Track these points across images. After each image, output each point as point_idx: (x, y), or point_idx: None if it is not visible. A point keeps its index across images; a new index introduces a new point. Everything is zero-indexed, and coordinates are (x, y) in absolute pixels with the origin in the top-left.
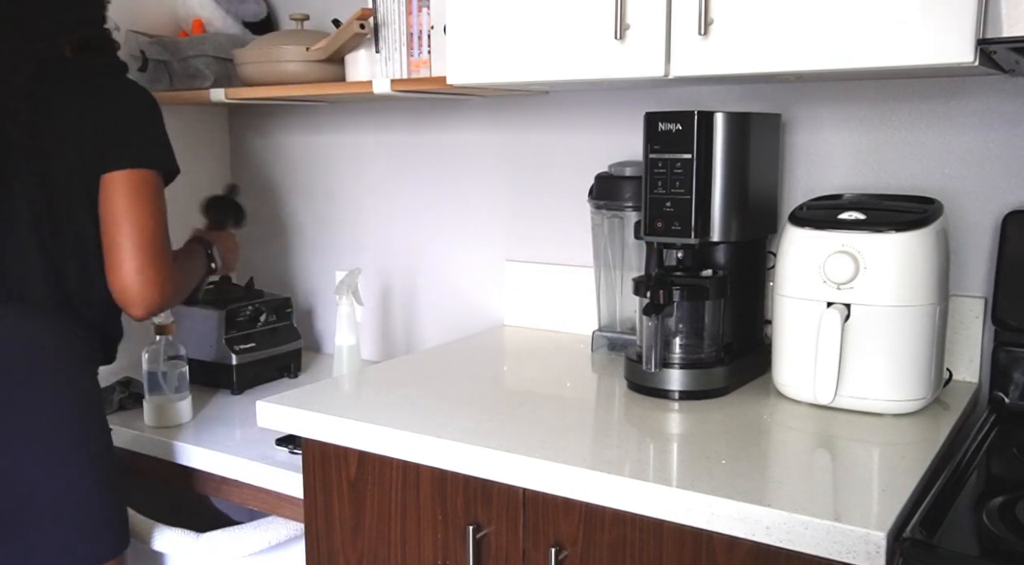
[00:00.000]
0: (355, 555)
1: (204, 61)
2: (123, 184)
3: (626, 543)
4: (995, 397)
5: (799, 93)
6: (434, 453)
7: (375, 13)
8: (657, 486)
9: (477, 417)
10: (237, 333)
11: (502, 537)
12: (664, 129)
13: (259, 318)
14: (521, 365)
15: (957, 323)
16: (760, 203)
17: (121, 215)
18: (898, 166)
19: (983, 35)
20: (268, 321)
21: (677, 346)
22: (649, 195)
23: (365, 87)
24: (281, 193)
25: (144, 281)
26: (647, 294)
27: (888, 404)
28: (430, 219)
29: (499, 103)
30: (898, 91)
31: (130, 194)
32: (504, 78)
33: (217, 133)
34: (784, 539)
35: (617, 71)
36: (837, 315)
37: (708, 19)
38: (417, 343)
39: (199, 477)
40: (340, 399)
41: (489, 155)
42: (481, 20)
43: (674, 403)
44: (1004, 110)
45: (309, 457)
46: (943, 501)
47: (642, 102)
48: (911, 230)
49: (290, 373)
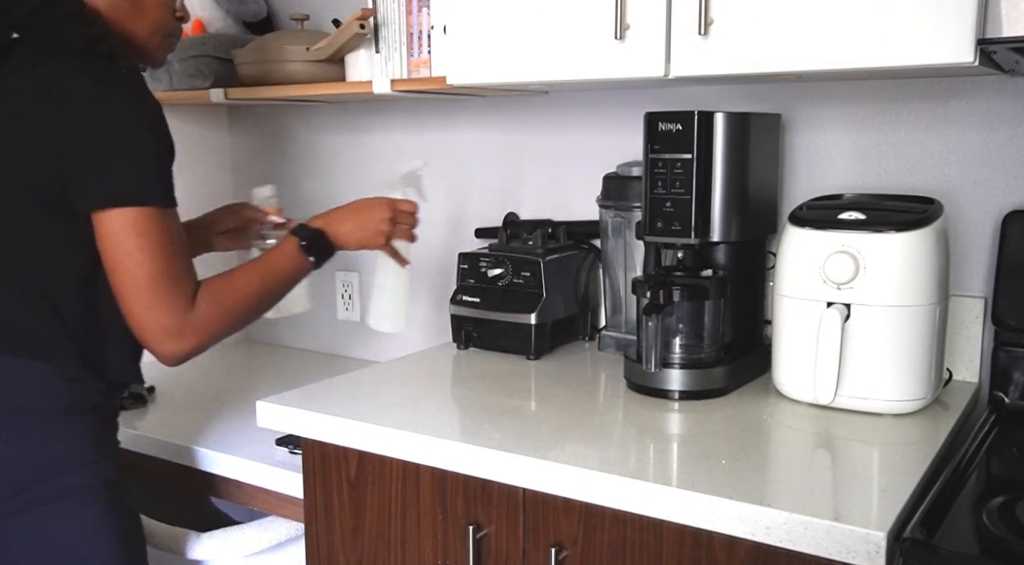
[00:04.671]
0: (355, 555)
1: (204, 61)
2: (114, 229)
3: (626, 543)
4: (995, 397)
5: (799, 93)
6: (434, 453)
7: (375, 13)
8: (657, 486)
9: (477, 417)
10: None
11: (502, 537)
12: (664, 129)
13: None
14: (521, 365)
15: (957, 323)
16: (760, 203)
17: (116, 265)
18: (898, 166)
19: (983, 35)
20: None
21: (677, 346)
22: (649, 195)
23: (365, 87)
24: (280, 193)
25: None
26: (647, 294)
27: (888, 404)
28: (430, 219)
29: (499, 103)
30: (898, 91)
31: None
32: (504, 78)
33: (217, 133)
34: (784, 539)
35: (617, 71)
36: (837, 315)
37: (708, 19)
38: (417, 343)
39: (199, 477)
40: (340, 399)
41: (489, 155)
42: (481, 20)
43: (674, 403)
44: (1004, 110)
45: (309, 457)
46: (943, 501)
47: (642, 102)
48: (911, 230)
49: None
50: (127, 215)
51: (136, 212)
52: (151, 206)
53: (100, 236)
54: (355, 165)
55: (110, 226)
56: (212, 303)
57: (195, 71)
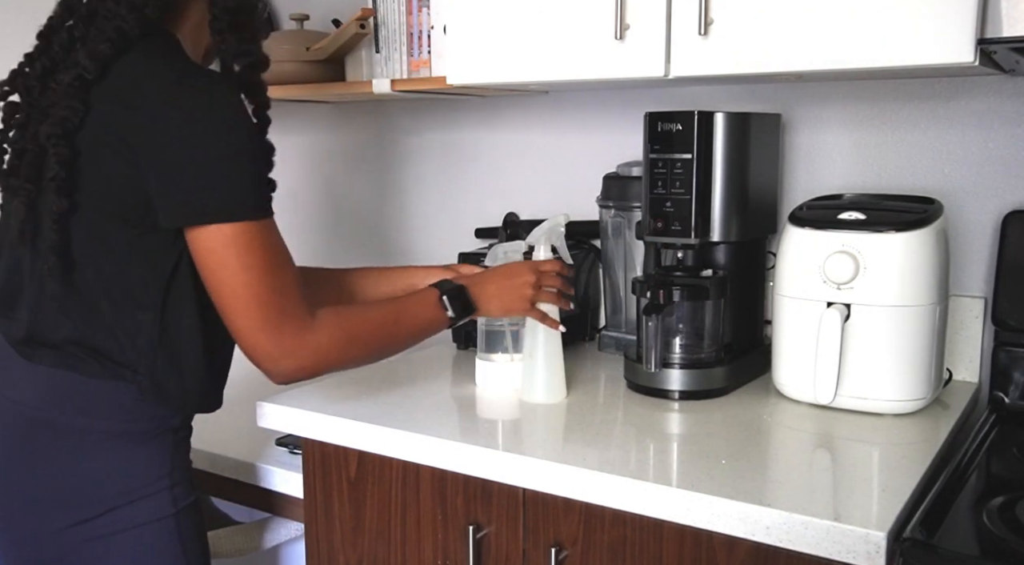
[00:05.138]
0: (355, 555)
1: None
2: (212, 246)
3: (626, 543)
4: (995, 397)
5: (799, 93)
6: (434, 453)
7: (375, 13)
8: (657, 486)
9: (477, 417)
10: None
11: (502, 537)
12: (664, 129)
13: None
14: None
15: (957, 323)
16: (760, 203)
17: (218, 286)
18: (898, 166)
19: (983, 35)
20: None
21: (677, 346)
22: (649, 195)
23: (365, 87)
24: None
25: (272, 356)
26: (647, 294)
27: (888, 404)
28: (430, 219)
29: (499, 103)
30: (898, 91)
31: (223, 253)
32: (504, 78)
33: None
34: (784, 539)
35: (617, 71)
36: (837, 315)
37: (708, 19)
38: None
39: (199, 477)
40: (340, 399)
41: (489, 155)
42: (481, 20)
43: (674, 403)
44: (1004, 110)
45: (309, 457)
46: (943, 501)
47: (642, 102)
48: (911, 230)
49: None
50: (224, 231)
51: (235, 228)
52: (248, 221)
53: (197, 255)
54: (355, 166)
55: (208, 243)
56: (336, 327)
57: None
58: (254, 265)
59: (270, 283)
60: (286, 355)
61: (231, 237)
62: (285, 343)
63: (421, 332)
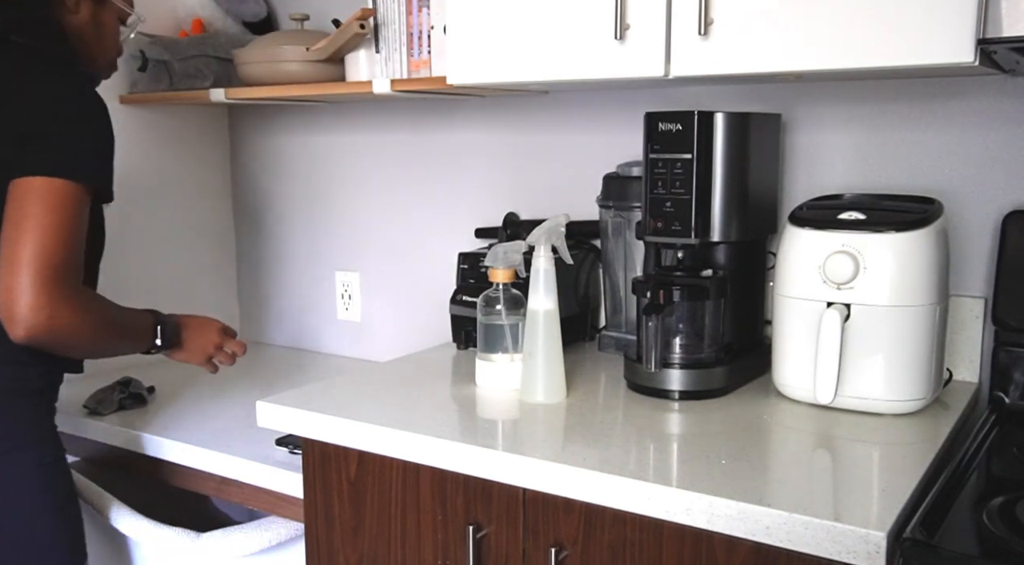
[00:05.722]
0: (355, 555)
1: (204, 61)
2: (31, 192)
3: (626, 543)
4: (995, 397)
5: (799, 93)
6: (434, 453)
7: (375, 13)
8: (657, 486)
9: (477, 417)
10: None
11: (502, 537)
12: (664, 129)
13: None
14: None
15: (957, 323)
16: (760, 203)
17: (19, 224)
18: (898, 166)
19: (983, 35)
20: None
21: (677, 346)
22: (649, 195)
23: (365, 87)
24: (281, 193)
25: (29, 298)
26: (647, 294)
27: (888, 404)
28: (430, 219)
29: (499, 103)
30: (898, 91)
31: (38, 202)
32: (504, 78)
33: (217, 133)
34: (784, 539)
35: (617, 71)
36: (837, 315)
37: (708, 19)
38: (418, 343)
39: (199, 477)
40: (340, 399)
41: (489, 155)
42: (481, 20)
43: (674, 403)
44: (1004, 110)
45: (309, 457)
46: (943, 501)
47: (642, 102)
48: (911, 230)
49: None
50: (44, 182)
51: (54, 183)
52: (73, 180)
53: (9, 199)
54: (355, 165)
55: (25, 187)
56: (95, 309)
57: (195, 71)
58: (55, 220)
59: (60, 248)
60: (27, 316)
61: (48, 189)
62: (36, 304)
63: (131, 344)
